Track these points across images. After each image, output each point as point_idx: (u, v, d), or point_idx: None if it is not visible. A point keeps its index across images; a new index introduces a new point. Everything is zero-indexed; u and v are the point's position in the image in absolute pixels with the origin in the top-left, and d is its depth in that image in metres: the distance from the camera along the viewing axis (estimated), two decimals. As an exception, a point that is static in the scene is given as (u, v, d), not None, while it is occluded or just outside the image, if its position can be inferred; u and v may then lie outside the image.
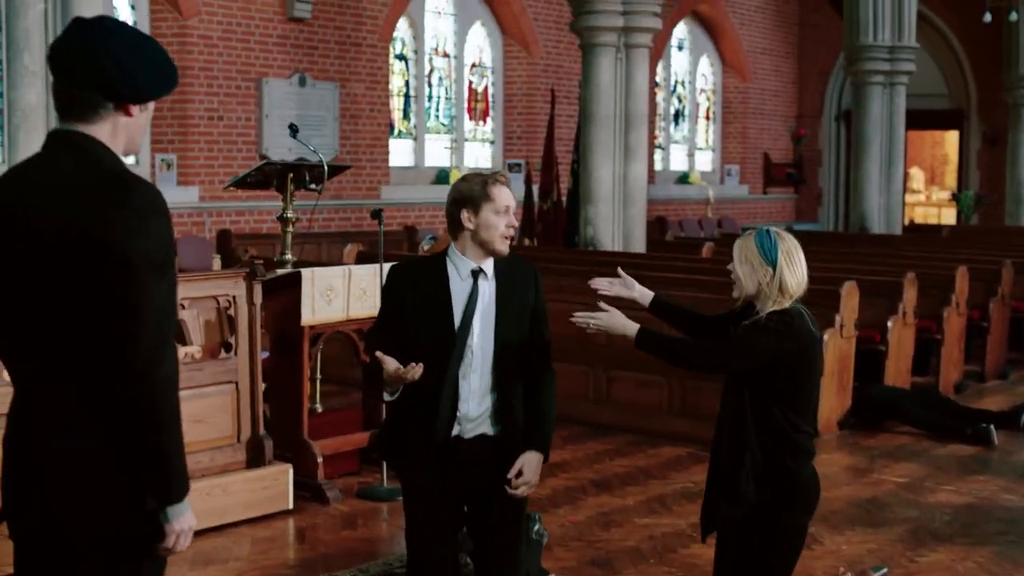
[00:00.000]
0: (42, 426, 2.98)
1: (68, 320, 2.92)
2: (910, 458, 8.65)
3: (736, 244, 4.56)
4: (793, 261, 4.51)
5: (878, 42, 17.57)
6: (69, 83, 3.03)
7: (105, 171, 2.97)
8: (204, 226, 14.40)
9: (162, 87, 3.11)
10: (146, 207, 2.93)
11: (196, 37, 14.34)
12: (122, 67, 3.00)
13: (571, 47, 18.27)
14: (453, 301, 4.56)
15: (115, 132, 3.05)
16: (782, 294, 4.47)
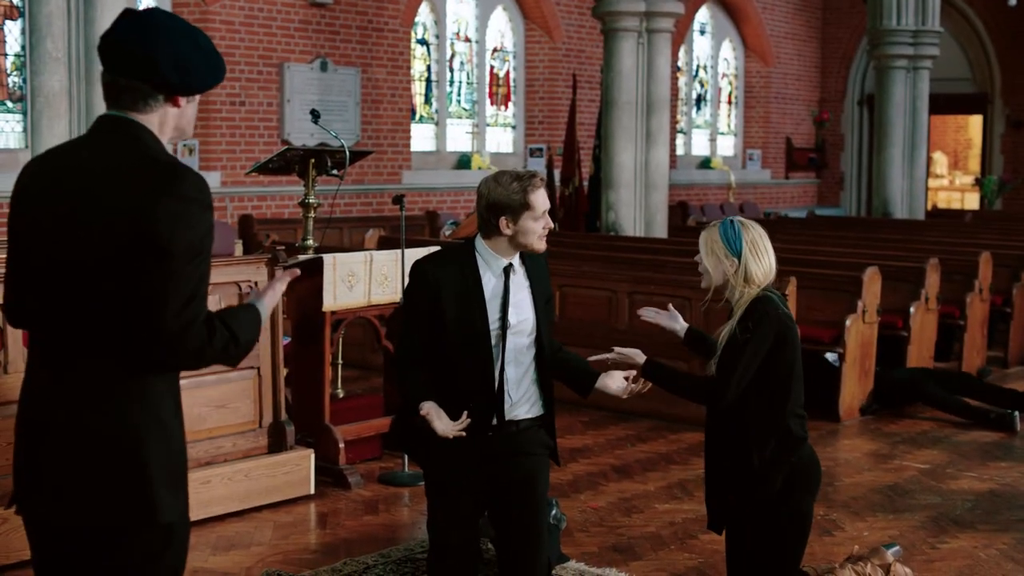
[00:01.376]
0: (77, 403, 3.01)
1: (105, 303, 2.96)
2: (932, 444, 8.63)
3: (701, 236, 4.59)
4: (758, 250, 4.53)
5: (901, 26, 17.49)
6: (121, 74, 3.08)
7: (155, 159, 3.03)
8: (226, 211, 14.42)
9: (212, 79, 3.19)
10: (192, 199, 2.99)
11: (218, 22, 14.35)
12: (176, 61, 3.07)
13: (593, 32, 18.23)
14: (487, 297, 4.60)
15: (164, 122, 3.13)
16: (747, 283, 4.50)
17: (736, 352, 4.40)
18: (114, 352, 2.99)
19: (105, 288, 2.95)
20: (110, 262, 2.94)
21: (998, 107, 23.42)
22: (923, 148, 18.10)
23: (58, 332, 3.04)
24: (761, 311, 4.44)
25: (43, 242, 3.04)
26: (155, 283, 2.92)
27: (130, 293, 2.93)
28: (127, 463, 3.00)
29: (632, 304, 9.35)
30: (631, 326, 9.35)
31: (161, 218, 2.92)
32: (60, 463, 3.02)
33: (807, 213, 18.29)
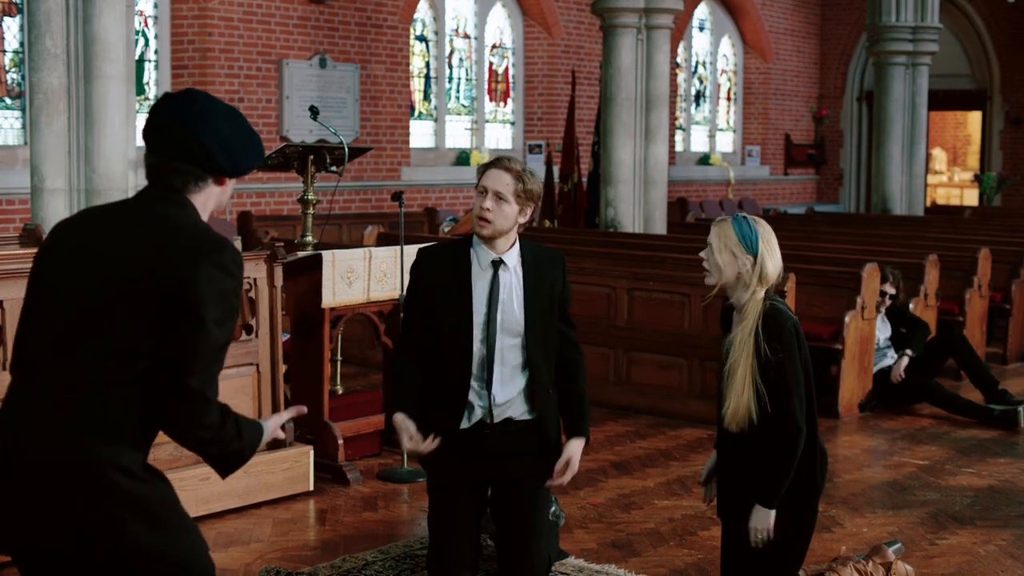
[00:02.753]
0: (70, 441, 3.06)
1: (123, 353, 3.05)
2: (931, 441, 8.63)
3: (713, 232, 4.52)
4: (772, 248, 4.51)
5: (901, 22, 17.50)
6: (172, 158, 3.18)
7: (199, 228, 3.15)
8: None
9: (257, 161, 3.30)
10: (229, 271, 3.11)
11: (217, 19, 14.34)
12: (226, 146, 3.18)
13: (592, 28, 18.24)
14: (473, 292, 4.57)
15: (208, 200, 3.24)
16: (761, 282, 4.47)
17: (781, 377, 4.38)
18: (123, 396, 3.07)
19: (127, 333, 3.04)
20: (141, 313, 3.03)
21: (997, 103, 23.42)
22: (922, 144, 18.11)
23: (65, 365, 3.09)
24: (781, 325, 4.43)
25: (75, 286, 3.11)
26: (184, 342, 3.03)
27: (158, 350, 3.03)
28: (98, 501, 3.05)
29: (632, 300, 9.35)
30: (631, 322, 9.35)
31: (200, 281, 3.03)
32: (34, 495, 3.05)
33: (806, 209, 18.28)
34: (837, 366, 9.25)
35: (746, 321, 4.45)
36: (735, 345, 4.46)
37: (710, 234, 4.54)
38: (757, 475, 4.49)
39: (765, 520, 4.47)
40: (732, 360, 4.46)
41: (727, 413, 4.48)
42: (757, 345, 4.40)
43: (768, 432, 4.43)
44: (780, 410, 4.39)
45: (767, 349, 4.37)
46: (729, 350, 4.51)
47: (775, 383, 4.40)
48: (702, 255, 4.56)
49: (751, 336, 4.42)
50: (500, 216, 4.55)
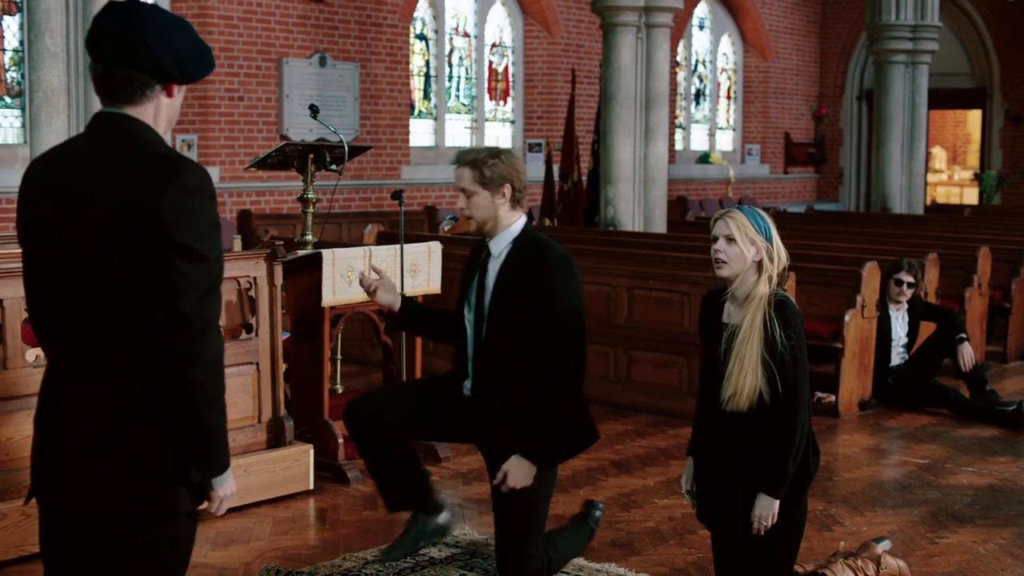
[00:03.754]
0: (89, 403, 3.03)
1: (116, 299, 2.98)
2: (931, 439, 8.63)
3: (729, 224, 4.55)
4: (777, 234, 4.63)
5: (900, 21, 17.50)
6: (117, 65, 3.07)
7: (156, 153, 3.04)
8: (225, 207, 14.40)
9: (206, 68, 3.19)
10: (195, 190, 3.00)
11: (217, 17, 14.34)
12: (172, 49, 3.07)
13: (592, 27, 18.23)
14: (477, 277, 4.80)
15: (158, 113, 3.13)
16: (778, 265, 4.56)
17: (794, 365, 4.44)
18: (124, 355, 3.01)
19: (114, 281, 2.97)
20: (119, 256, 2.95)
21: (997, 102, 23.42)
22: (922, 143, 18.11)
23: (70, 330, 3.05)
24: (795, 312, 4.51)
25: (49, 241, 3.06)
26: (169, 274, 2.95)
27: (146, 285, 2.95)
28: (145, 454, 3.03)
29: (632, 299, 9.35)
30: (631, 320, 9.35)
31: (166, 211, 2.94)
32: (78, 457, 3.03)
33: (806, 208, 18.27)
34: (837, 365, 9.25)
35: (754, 307, 4.48)
36: (743, 329, 4.48)
37: (721, 226, 4.55)
38: (760, 464, 4.52)
39: (770, 508, 4.49)
40: (739, 343, 4.48)
41: (733, 394, 4.49)
42: (767, 330, 4.43)
43: (773, 419, 4.46)
44: (790, 396, 4.44)
45: (783, 336, 4.42)
46: (733, 335, 4.52)
47: (789, 369, 4.45)
48: (717, 247, 4.56)
49: (761, 321, 4.45)
50: (475, 209, 4.76)
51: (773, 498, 4.49)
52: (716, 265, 4.58)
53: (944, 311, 9.85)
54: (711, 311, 4.70)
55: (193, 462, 3.10)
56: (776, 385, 4.42)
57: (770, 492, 4.49)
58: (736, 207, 4.63)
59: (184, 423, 3.04)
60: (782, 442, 4.47)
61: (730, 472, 4.62)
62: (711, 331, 4.66)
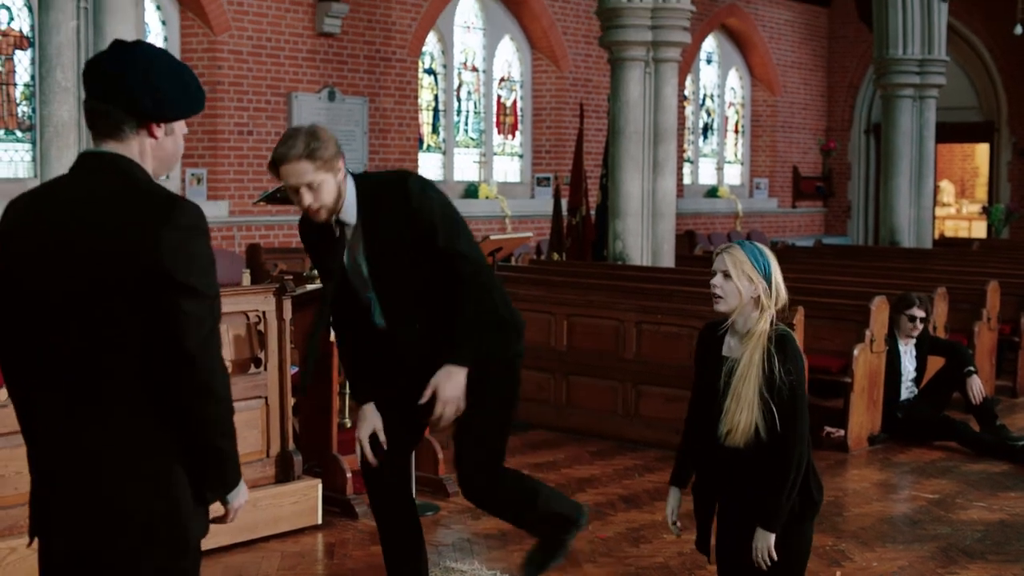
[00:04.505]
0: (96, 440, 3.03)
1: (114, 336, 2.97)
2: (941, 474, 8.60)
3: (726, 260, 4.56)
4: (777, 268, 4.60)
5: (908, 55, 17.52)
6: (95, 96, 3.09)
7: (145, 190, 3.02)
8: (234, 240, 14.44)
9: (185, 107, 3.14)
10: (190, 227, 2.99)
11: (226, 52, 14.41)
12: (148, 83, 3.05)
13: (600, 61, 18.29)
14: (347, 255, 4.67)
15: (143, 152, 3.10)
16: (777, 303, 4.54)
17: (793, 400, 4.45)
18: (128, 384, 3.01)
19: (112, 317, 2.95)
20: (115, 293, 2.94)
21: (1005, 135, 23.43)
22: (930, 177, 18.11)
23: (65, 369, 3.04)
24: (796, 348, 4.52)
25: (38, 279, 3.03)
26: (173, 314, 2.95)
27: (148, 324, 2.95)
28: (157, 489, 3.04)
29: (640, 333, 9.34)
30: (639, 355, 9.34)
31: (164, 250, 2.93)
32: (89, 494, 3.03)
33: (814, 242, 18.28)
34: (846, 400, 9.23)
35: (754, 342, 4.50)
36: (741, 365, 4.49)
37: (719, 262, 4.58)
38: (757, 497, 4.53)
39: (767, 540, 4.51)
40: (737, 379, 4.49)
41: (731, 429, 4.50)
42: (766, 365, 4.45)
43: (770, 454, 4.48)
44: (787, 432, 4.45)
45: (782, 371, 4.43)
46: (732, 370, 4.53)
47: (787, 404, 4.45)
48: (714, 283, 4.58)
49: (760, 358, 4.46)
50: (327, 196, 4.55)
51: (768, 532, 4.51)
52: (713, 300, 4.62)
53: (952, 345, 9.83)
54: (709, 343, 4.72)
55: (209, 485, 3.15)
56: (774, 421, 4.43)
57: (765, 526, 4.51)
58: (738, 242, 4.64)
59: (200, 453, 3.08)
60: (778, 477, 4.48)
61: (729, 505, 4.67)
62: (708, 363, 4.68)
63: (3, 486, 5.70)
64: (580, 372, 9.60)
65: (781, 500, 4.49)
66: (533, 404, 9.78)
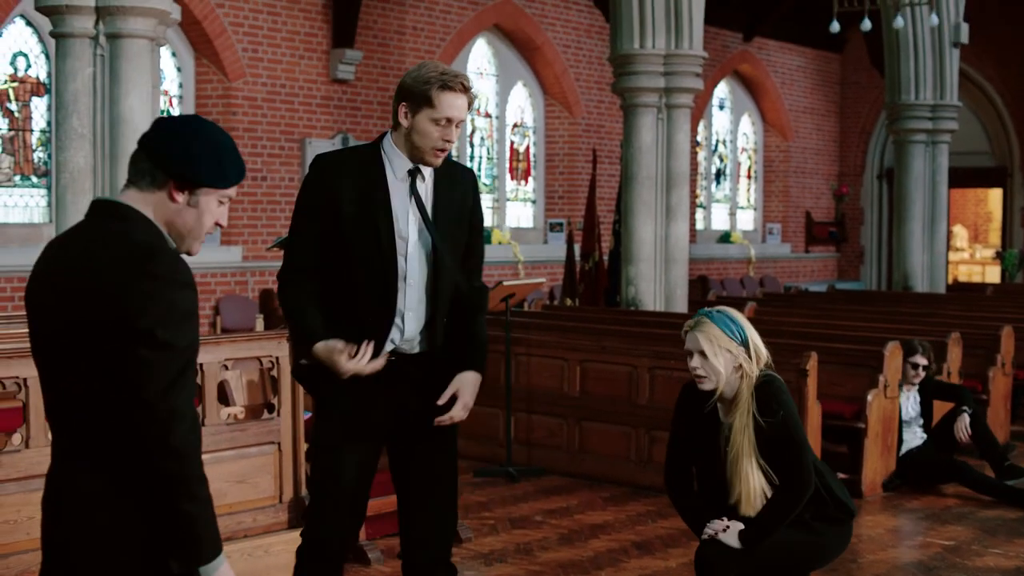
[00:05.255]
0: (68, 499, 3.05)
1: (86, 386, 2.97)
2: (956, 521, 8.55)
3: (699, 339, 4.62)
4: (752, 328, 4.65)
5: (920, 100, 17.57)
6: (140, 142, 3.13)
7: (132, 241, 3.01)
8: (247, 286, 14.48)
9: (210, 177, 3.10)
10: (163, 276, 2.95)
11: (241, 98, 14.50)
12: (183, 145, 3.07)
13: (612, 107, 18.37)
14: (392, 203, 4.28)
15: (158, 208, 3.09)
16: (759, 364, 4.60)
17: (788, 436, 4.51)
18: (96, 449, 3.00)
19: (83, 366, 2.96)
20: (83, 339, 2.95)
21: (1018, 180, 23.45)
22: (943, 222, 18.11)
23: (54, 414, 3.08)
24: (773, 391, 4.57)
25: (33, 322, 3.10)
26: (132, 362, 2.90)
27: (112, 374, 2.92)
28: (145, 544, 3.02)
29: (653, 379, 9.33)
30: (652, 401, 9.32)
31: (133, 298, 2.90)
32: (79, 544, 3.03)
33: (827, 287, 18.26)
34: (859, 446, 9.19)
35: (742, 405, 4.55)
36: (735, 431, 4.54)
37: (691, 341, 4.62)
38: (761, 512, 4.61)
39: (730, 540, 4.57)
40: (735, 448, 4.54)
41: (740, 501, 4.57)
42: (757, 423, 4.46)
43: (781, 484, 4.55)
44: (793, 466, 4.50)
45: (767, 419, 4.48)
46: (728, 437, 4.55)
47: (784, 442, 4.50)
48: (693, 365, 4.60)
49: (750, 417, 4.50)
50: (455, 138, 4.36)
51: (740, 542, 4.55)
52: (697, 380, 4.62)
53: (953, 388, 9.80)
54: (693, 403, 4.75)
55: (174, 554, 2.99)
56: (773, 478, 4.51)
57: (742, 536, 4.55)
58: (705, 313, 4.63)
59: (161, 514, 2.97)
60: (781, 505, 4.54)
61: None
62: (697, 423, 4.72)
63: (15, 531, 5.71)
64: (593, 418, 9.59)
65: (767, 527, 4.54)
66: (546, 449, 9.77)
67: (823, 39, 20.84)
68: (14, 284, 12.44)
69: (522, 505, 8.66)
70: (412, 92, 4.19)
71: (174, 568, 3.01)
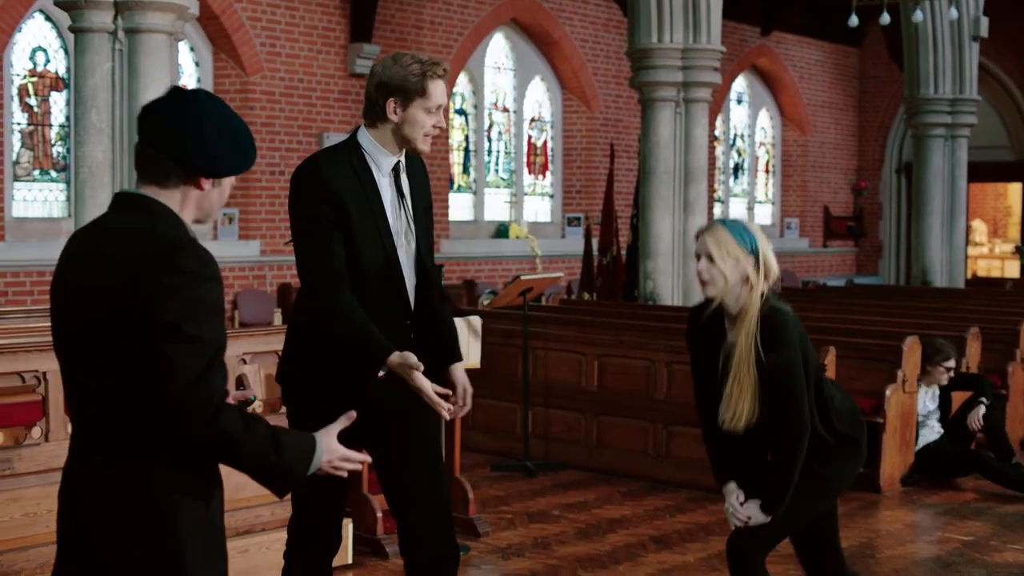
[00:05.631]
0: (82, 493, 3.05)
1: (110, 378, 2.98)
2: (975, 516, 8.52)
3: (708, 242, 4.48)
4: (766, 242, 4.54)
5: (939, 94, 17.49)
6: (147, 144, 3.09)
7: (158, 234, 3.01)
8: (265, 280, 14.51)
9: (235, 165, 3.14)
10: (189, 270, 2.95)
11: (259, 93, 14.52)
12: (201, 140, 3.04)
13: (630, 101, 18.35)
14: (384, 202, 4.26)
15: (185, 201, 3.10)
16: (767, 279, 4.48)
17: (785, 379, 4.43)
18: (135, 431, 3.00)
19: (108, 359, 2.96)
20: (109, 333, 2.95)
21: (1037, 174, 23.36)
22: (962, 216, 18.05)
23: (77, 405, 3.08)
24: (777, 325, 4.46)
25: (57, 316, 3.10)
26: (158, 356, 2.91)
27: (141, 368, 2.93)
28: (159, 536, 3.01)
29: (671, 374, 9.32)
30: (670, 396, 9.31)
31: (156, 291, 2.91)
32: (94, 536, 3.03)
33: (846, 282, 18.22)
34: (878, 440, 9.17)
35: (747, 324, 4.45)
36: (738, 350, 4.46)
37: (700, 245, 4.50)
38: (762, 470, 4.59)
39: (757, 516, 4.56)
40: (736, 365, 4.47)
41: (733, 416, 4.52)
42: (758, 350, 4.43)
43: (774, 433, 4.50)
44: (785, 411, 4.43)
45: (771, 356, 4.42)
46: (730, 354, 4.50)
47: (778, 386, 4.43)
48: (700, 268, 4.52)
49: (753, 339, 4.43)
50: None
51: (765, 513, 4.55)
52: (702, 285, 4.56)
53: (974, 377, 9.76)
54: (698, 326, 4.69)
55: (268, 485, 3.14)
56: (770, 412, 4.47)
57: (764, 507, 4.55)
58: (721, 221, 4.56)
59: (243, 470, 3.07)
60: (777, 463, 4.52)
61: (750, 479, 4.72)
62: (703, 345, 4.66)
63: (35, 524, 5.73)
64: (611, 412, 9.58)
65: (781, 487, 4.50)
66: (564, 444, 9.77)
67: (841, 33, 20.81)
68: (33, 278, 12.48)
69: (540, 499, 8.67)
70: (402, 86, 4.19)
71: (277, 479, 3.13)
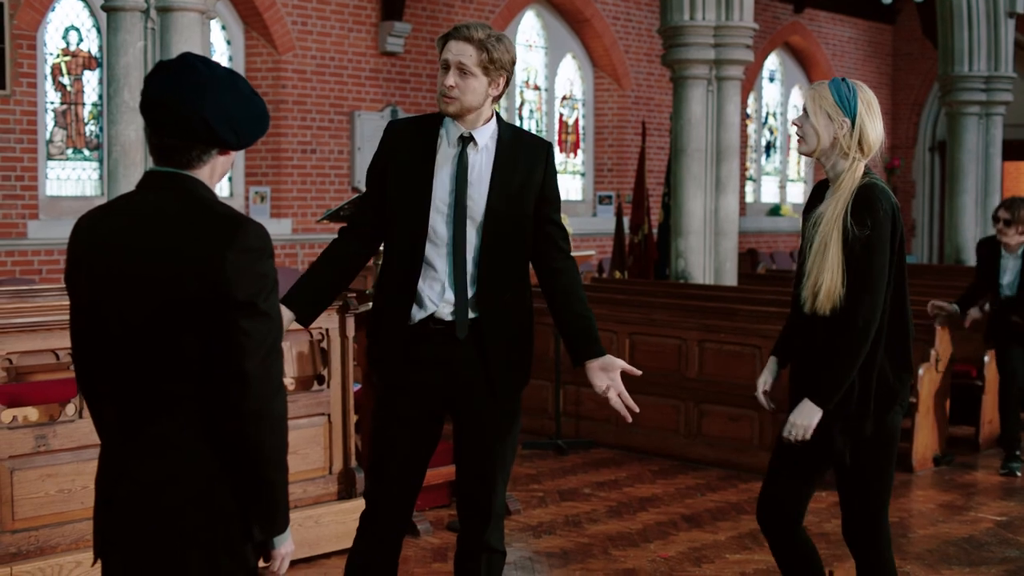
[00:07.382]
0: (153, 466, 3.03)
1: (176, 359, 2.97)
2: (1008, 496, 8.49)
3: (807, 95, 4.30)
4: (873, 112, 4.26)
5: (973, 72, 17.35)
6: (175, 138, 3.03)
7: (216, 212, 3.02)
8: (297, 258, 14.54)
9: (262, 130, 3.16)
10: (256, 248, 2.98)
11: (290, 71, 14.53)
12: (228, 119, 3.03)
13: (662, 79, 18.28)
14: (436, 169, 4.24)
15: (213, 172, 3.12)
16: (861, 150, 4.26)
17: (864, 263, 4.14)
18: (188, 415, 3.00)
19: (174, 341, 2.96)
20: (179, 315, 2.94)
21: (1072, 153, 23.15)
22: (996, 195, 17.90)
23: (128, 391, 3.05)
24: (873, 202, 4.19)
25: (104, 300, 3.04)
26: (234, 334, 2.93)
27: (209, 345, 2.94)
28: (213, 518, 3.03)
29: (702, 352, 9.31)
30: (702, 374, 9.30)
31: (229, 271, 2.92)
32: (145, 522, 3.03)
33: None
34: (911, 418, 9.14)
35: (840, 194, 4.22)
36: (825, 219, 4.22)
37: (805, 97, 4.32)
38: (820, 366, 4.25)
39: (809, 417, 4.21)
40: (821, 235, 4.21)
41: (815, 294, 4.22)
42: (847, 221, 4.17)
43: (842, 319, 4.17)
44: (859, 296, 4.13)
45: (853, 226, 4.14)
46: (817, 223, 4.26)
47: (858, 263, 4.15)
48: (795, 121, 4.34)
49: (844, 211, 4.18)
50: (467, 91, 4.23)
51: (816, 406, 4.19)
52: (798, 141, 4.35)
53: None
54: (810, 200, 4.44)
55: (256, 521, 3.08)
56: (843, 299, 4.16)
57: (814, 399, 4.20)
58: (832, 80, 4.31)
59: (249, 483, 3.03)
60: (839, 346, 4.16)
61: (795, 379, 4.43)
62: (808, 216, 4.39)
63: (70, 500, 5.77)
64: (642, 391, 9.55)
65: (839, 374, 4.16)
66: (595, 423, 9.77)
67: (875, 10, 20.66)
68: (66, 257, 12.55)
69: (571, 478, 8.68)
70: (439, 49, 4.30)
71: (256, 535, 3.09)
